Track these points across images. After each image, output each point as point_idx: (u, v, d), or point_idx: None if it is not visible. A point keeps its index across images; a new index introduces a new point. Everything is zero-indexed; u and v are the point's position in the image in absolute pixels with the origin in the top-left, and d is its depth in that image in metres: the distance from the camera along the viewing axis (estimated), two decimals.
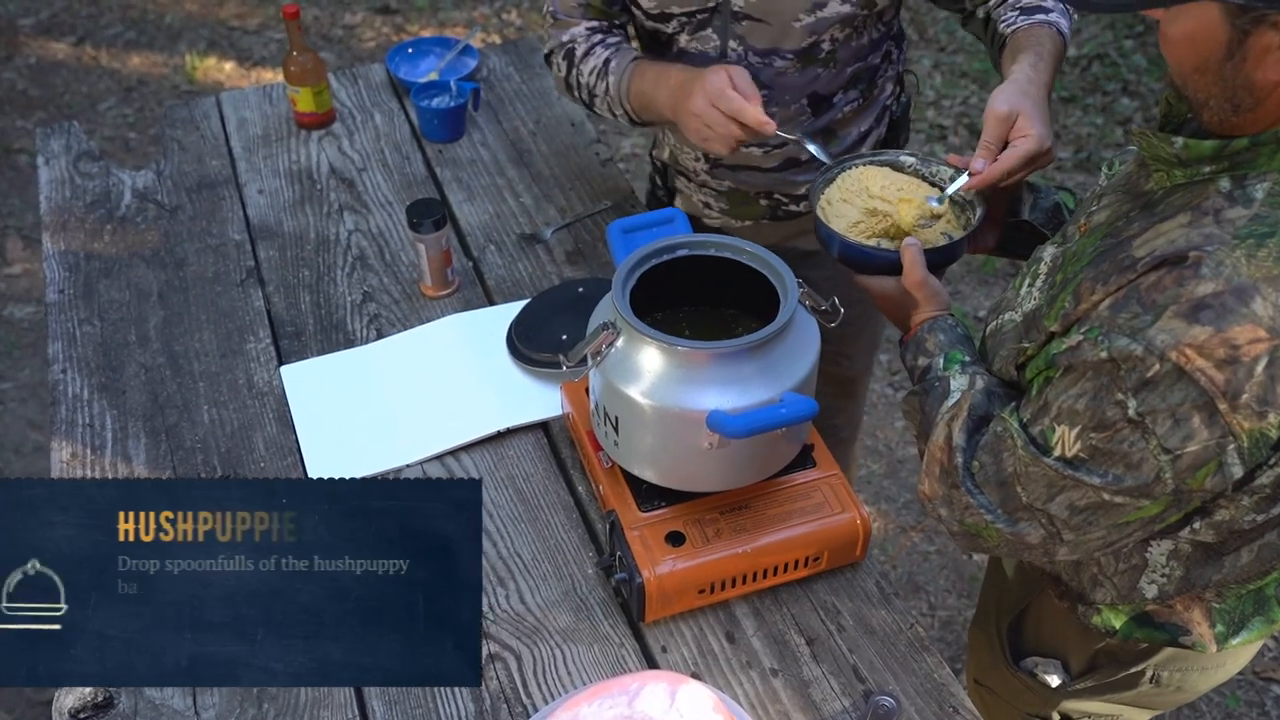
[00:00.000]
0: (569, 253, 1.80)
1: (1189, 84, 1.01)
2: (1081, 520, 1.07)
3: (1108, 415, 1.00)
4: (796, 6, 1.51)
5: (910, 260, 1.30)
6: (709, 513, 1.32)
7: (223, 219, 1.88)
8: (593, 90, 1.62)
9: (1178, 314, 0.94)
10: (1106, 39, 3.95)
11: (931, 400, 1.22)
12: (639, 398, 1.24)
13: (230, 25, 4.25)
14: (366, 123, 2.06)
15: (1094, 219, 1.15)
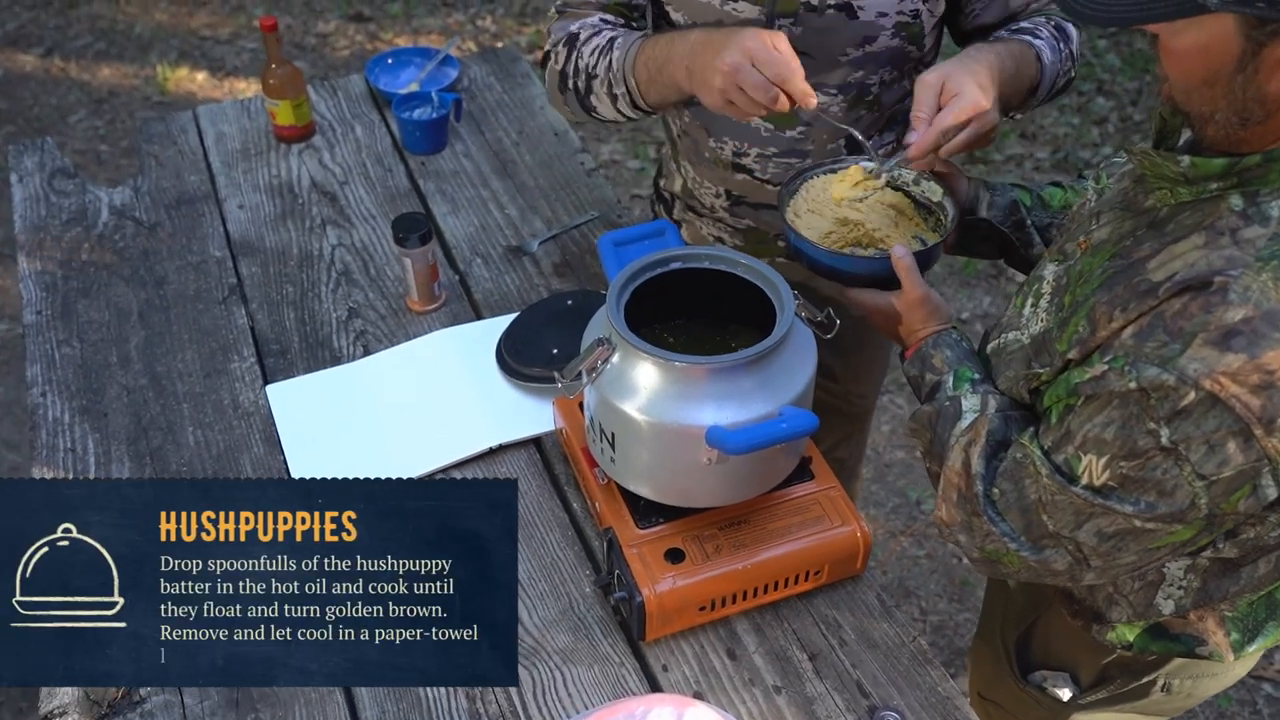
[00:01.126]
0: (556, 264, 1.78)
1: (1194, 98, 0.99)
2: (1110, 547, 1.05)
3: (1139, 444, 0.98)
4: (845, 41, 1.45)
5: (907, 273, 1.28)
6: (708, 528, 1.31)
7: (203, 235, 1.85)
8: (592, 71, 1.49)
9: (1208, 341, 0.93)
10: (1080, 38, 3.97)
11: (943, 422, 1.20)
12: (636, 414, 1.22)
13: (202, 35, 4.20)
14: (347, 135, 2.04)
15: (1094, 236, 1.13)
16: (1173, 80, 1.01)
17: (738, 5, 1.46)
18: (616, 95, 1.48)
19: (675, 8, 1.50)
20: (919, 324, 1.29)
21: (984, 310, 3.07)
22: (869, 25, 1.45)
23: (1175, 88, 1.01)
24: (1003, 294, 3.12)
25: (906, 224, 1.41)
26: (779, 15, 1.45)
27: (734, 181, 1.62)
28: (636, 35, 1.48)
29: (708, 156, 1.63)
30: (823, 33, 1.45)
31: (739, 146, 1.58)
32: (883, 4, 1.44)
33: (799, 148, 1.56)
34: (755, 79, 1.28)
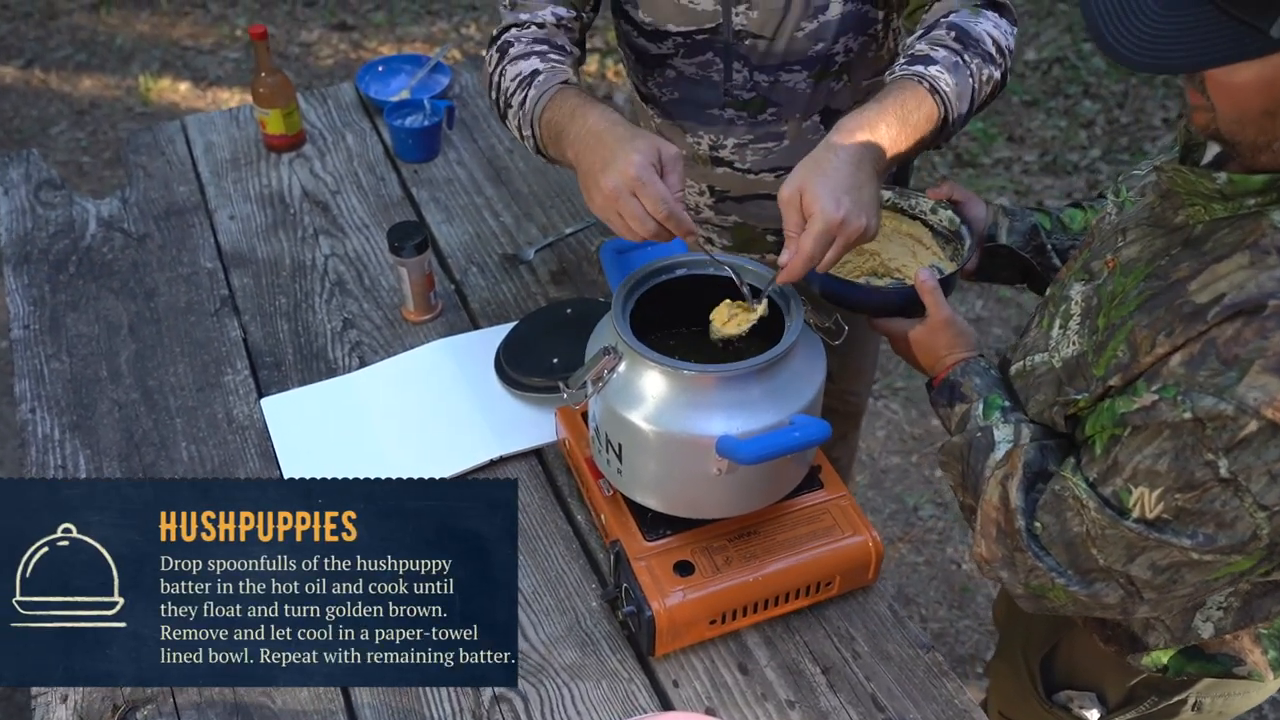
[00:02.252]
0: (554, 273, 1.75)
1: (1249, 129, 0.94)
2: (1166, 580, 1.01)
3: (1196, 476, 0.94)
4: (797, 15, 1.45)
5: (931, 295, 1.25)
6: (717, 540, 1.28)
7: (193, 246, 1.81)
8: (509, 98, 1.43)
9: (1266, 368, 0.89)
10: (1065, 42, 3.98)
11: (976, 453, 1.16)
12: (643, 424, 1.20)
13: (184, 45, 4.16)
14: (338, 144, 2.01)
15: (1122, 254, 1.09)
16: (1224, 114, 0.95)
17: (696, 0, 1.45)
18: (524, 135, 1.44)
19: (634, 4, 1.49)
20: (945, 349, 1.25)
21: (976, 314, 3.06)
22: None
23: (1227, 120, 0.95)
24: (995, 298, 3.11)
25: (924, 253, 1.39)
26: (734, 2, 1.44)
27: (715, 176, 1.61)
28: (558, 79, 1.40)
29: (685, 154, 1.61)
30: (776, 13, 1.44)
31: (715, 139, 1.57)
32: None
33: (774, 130, 1.54)
34: (635, 209, 1.20)
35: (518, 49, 1.46)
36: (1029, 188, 3.46)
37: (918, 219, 1.41)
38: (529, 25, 1.48)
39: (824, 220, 1.15)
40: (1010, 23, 1.40)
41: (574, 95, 1.37)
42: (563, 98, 1.37)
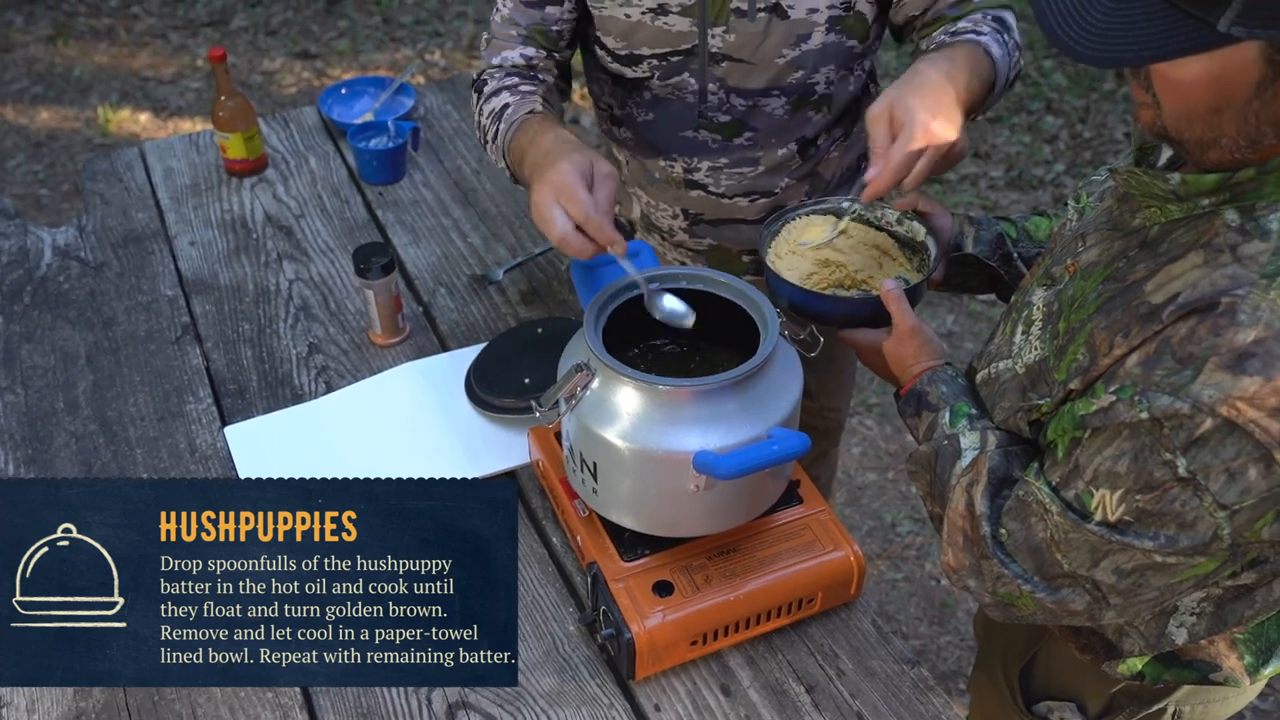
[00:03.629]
0: (524, 293, 1.73)
1: (1196, 126, 0.93)
2: (1131, 584, 1.00)
3: (1155, 476, 0.93)
4: (779, 42, 1.44)
5: (897, 304, 1.25)
6: (696, 558, 1.26)
7: (153, 274, 1.77)
8: (486, 134, 1.49)
9: (1220, 365, 0.88)
10: (1026, 59, 4.01)
11: (943, 461, 1.15)
12: (618, 441, 1.17)
13: (144, 76, 4.12)
14: (301, 167, 1.98)
15: (1082, 259, 1.08)
16: (1170, 110, 0.94)
17: (668, 20, 1.44)
18: (501, 166, 1.49)
19: (605, 30, 1.48)
20: (911, 359, 1.24)
21: (948, 328, 3.06)
22: (801, 23, 1.43)
23: (1172, 116, 0.94)
24: (966, 312, 3.11)
25: (890, 264, 1.38)
26: (710, 25, 1.43)
27: (689, 199, 1.59)
28: (524, 110, 1.43)
29: (658, 178, 1.60)
30: (757, 36, 1.44)
31: (689, 163, 1.56)
32: (813, 1, 1.42)
33: (749, 155, 1.53)
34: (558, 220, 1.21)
35: (491, 86, 1.50)
36: (995, 203, 3.47)
37: (884, 230, 1.40)
38: (499, 69, 1.51)
39: (918, 128, 1.17)
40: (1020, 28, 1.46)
41: (536, 122, 1.40)
42: (526, 125, 1.40)
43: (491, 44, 1.54)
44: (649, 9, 1.44)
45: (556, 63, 1.53)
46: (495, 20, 1.53)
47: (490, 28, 1.54)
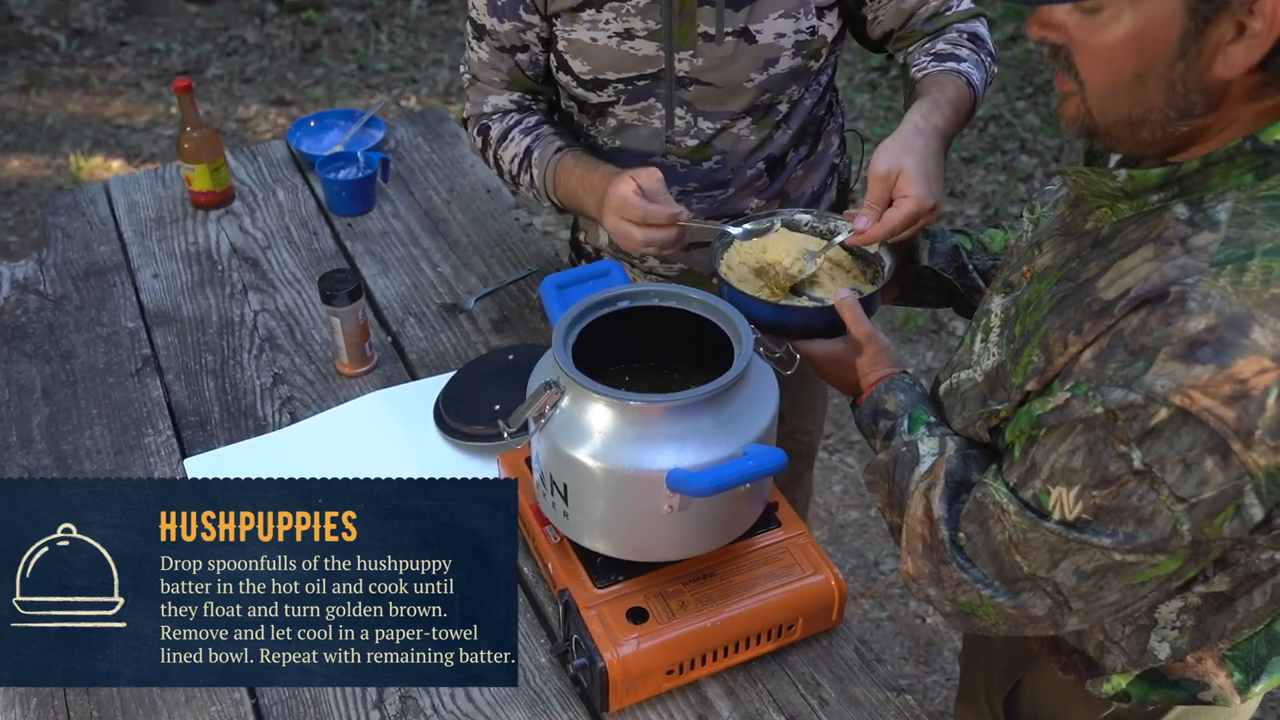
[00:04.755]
0: (495, 321, 1.69)
1: (1122, 101, 0.91)
2: (1091, 585, 0.98)
3: (1110, 470, 0.91)
4: (747, 66, 1.44)
5: (851, 312, 1.24)
6: (671, 584, 1.21)
7: (114, 306, 1.73)
8: (516, 178, 1.55)
9: (1172, 355, 0.86)
10: (1000, 101, 4.05)
11: (901, 469, 1.12)
12: (589, 461, 1.13)
13: (117, 124, 4.10)
14: (269, 200, 1.94)
15: (1037, 264, 1.08)
16: (1093, 86, 0.92)
17: (634, 44, 1.43)
18: (545, 205, 1.55)
19: (573, 55, 1.46)
20: (868, 367, 1.23)
21: (927, 365, 3.04)
22: (769, 48, 1.43)
23: (1097, 94, 0.92)
24: (945, 348, 3.09)
25: (844, 276, 1.37)
26: (677, 49, 1.42)
27: None
28: (551, 150, 1.50)
29: None
30: (724, 60, 1.43)
31: None
32: (780, 26, 1.43)
33: (717, 178, 1.52)
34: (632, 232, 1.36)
35: (497, 130, 1.55)
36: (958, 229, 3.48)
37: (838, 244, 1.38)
38: (496, 113, 1.55)
39: (918, 204, 1.26)
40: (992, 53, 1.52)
41: (572, 164, 1.47)
42: (565, 170, 1.48)
43: (476, 86, 1.55)
44: (615, 33, 1.43)
45: (545, 98, 1.57)
46: (474, 60, 1.53)
47: (470, 66, 1.55)
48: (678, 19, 1.40)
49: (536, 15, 1.46)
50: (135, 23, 4.70)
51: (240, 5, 4.78)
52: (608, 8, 1.41)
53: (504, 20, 1.47)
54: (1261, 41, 0.84)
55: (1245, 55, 0.86)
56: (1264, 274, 0.86)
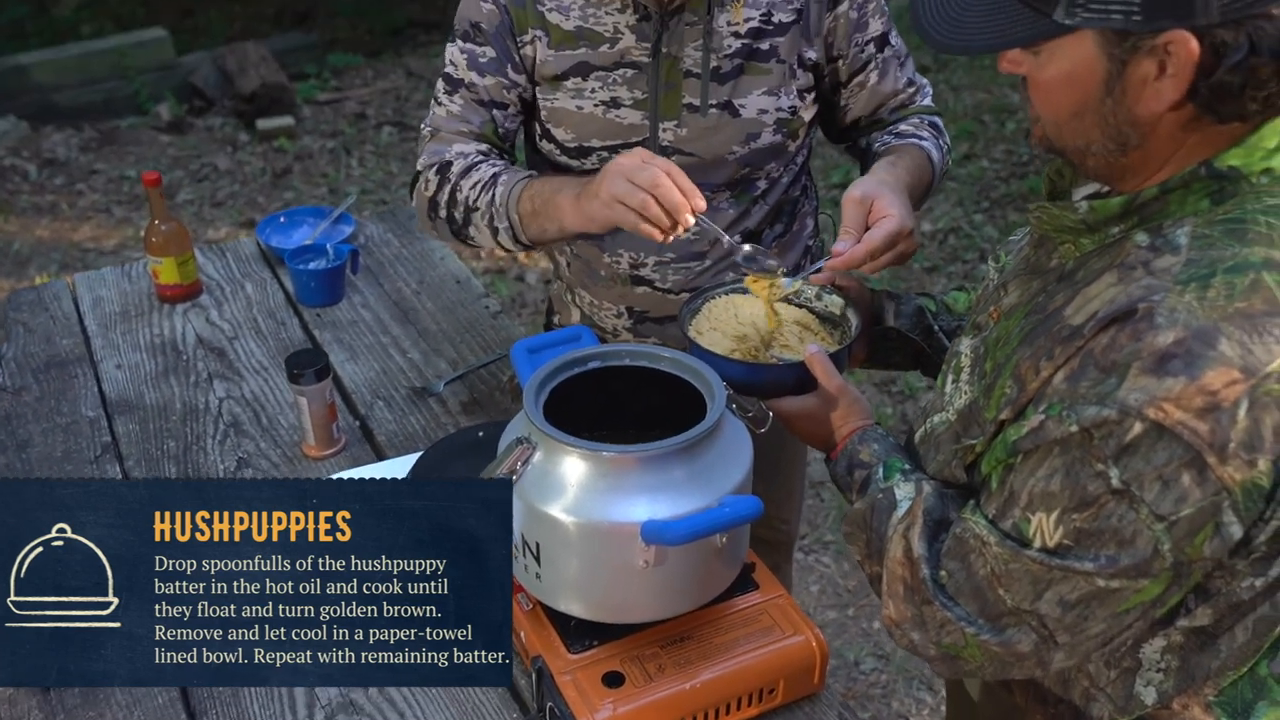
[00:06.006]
0: (465, 403, 1.67)
1: (1065, 133, 0.98)
2: (1076, 616, 0.96)
3: (1089, 490, 0.91)
4: (729, 139, 1.47)
5: (821, 366, 1.24)
6: (648, 647, 1.17)
7: (74, 397, 1.70)
8: (473, 205, 1.47)
9: (1144, 370, 0.88)
10: (958, 214, 4.15)
11: (878, 515, 1.12)
12: (563, 515, 1.10)
13: (85, 247, 4.11)
14: (237, 293, 1.94)
15: (1004, 303, 1.10)
16: (1044, 117, 0.99)
17: (620, 113, 1.46)
18: (498, 229, 1.47)
19: (556, 123, 1.49)
20: (841, 420, 1.23)
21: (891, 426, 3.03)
22: (752, 122, 1.47)
23: (1047, 125, 0.99)
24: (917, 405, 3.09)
25: (811, 338, 1.38)
26: (662, 118, 1.45)
27: (635, 296, 1.57)
28: (523, 174, 1.47)
29: (604, 275, 1.59)
30: (707, 132, 1.46)
31: (635, 257, 1.55)
32: (763, 102, 1.46)
33: (694, 249, 1.53)
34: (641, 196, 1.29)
35: (461, 164, 1.50)
36: (921, 291, 3.52)
37: (804, 306, 1.39)
38: (463, 154, 1.51)
39: (899, 224, 1.25)
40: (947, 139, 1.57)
41: (549, 175, 1.45)
42: (540, 179, 1.44)
43: (439, 137, 1.52)
44: (601, 102, 1.46)
45: (508, 157, 1.56)
46: (440, 114, 1.53)
47: (434, 120, 1.53)
48: (663, 89, 1.44)
49: (524, 75, 1.49)
50: (107, 152, 4.77)
51: (213, 134, 4.88)
52: (594, 76, 1.45)
53: (486, 75, 1.48)
54: (1181, 79, 0.89)
55: (1170, 91, 0.90)
56: (1227, 290, 0.88)
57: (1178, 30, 0.86)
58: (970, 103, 4.84)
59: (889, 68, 1.53)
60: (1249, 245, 0.90)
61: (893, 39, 1.54)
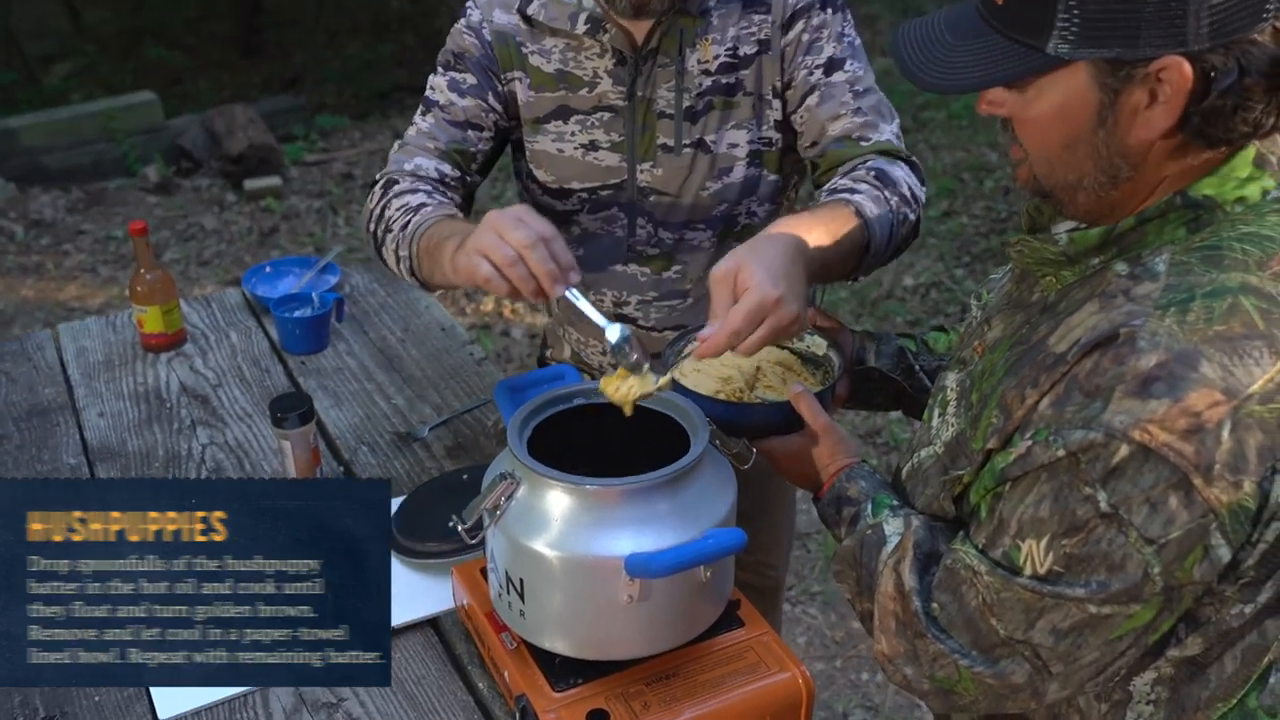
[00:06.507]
0: (449, 448, 1.67)
1: (1057, 167, 0.98)
2: (1069, 645, 0.96)
3: (1078, 515, 0.92)
4: (703, 176, 1.49)
5: (807, 404, 1.25)
6: (633, 684, 1.16)
7: (55, 445, 1.69)
8: (390, 225, 1.42)
9: (1128, 393, 0.88)
10: (939, 269, 4.20)
11: (868, 551, 1.12)
12: (546, 550, 1.10)
13: (70, 306, 4.12)
14: (221, 342, 1.94)
15: (989, 338, 1.11)
16: (1033, 155, 0.99)
17: (599, 155, 1.48)
18: (400, 257, 1.42)
19: (538, 164, 1.51)
20: (828, 458, 1.23)
21: None
22: (723, 157, 1.49)
23: (1037, 162, 0.99)
24: None
25: (794, 379, 1.39)
26: (639, 160, 1.47)
27: None
28: (446, 211, 1.41)
29: None
30: (681, 172, 1.49)
31: (619, 296, 1.56)
32: (734, 136, 1.48)
33: (678, 288, 1.54)
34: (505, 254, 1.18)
35: (404, 185, 1.46)
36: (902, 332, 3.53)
37: (786, 347, 1.41)
38: (411, 175, 1.49)
39: (760, 295, 1.12)
40: (920, 179, 1.45)
41: (462, 220, 1.39)
42: (451, 221, 1.38)
43: (405, 149, 1.52)
44: (581, 145, 1.48)
45: (466, 186, 1.53)
46: (409, 131, 1.53)
47: (405, 137, 1.54)
48: (639, 132, 1.47)
49: (503, 105, 1.50)
50: (94, 213, 4.79)
51: (200, 195, 4.91)
52: (574, 119, 1.47)
53: (467, 98, 1.49)
54: (1173, 106, 0.91)
55: (1162, 119, 0.92)
56: (1206, 314, 0.90)
57: (1171, 56, 0.88)
58: (949, 161, 4.92)
59: (834, 93, 1.46)
60: (1226, 271, 0.92)
61: (849, 67, 1.47)
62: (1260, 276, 0.92)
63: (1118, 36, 0.88)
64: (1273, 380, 0.88)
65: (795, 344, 1.41)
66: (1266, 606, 0.99)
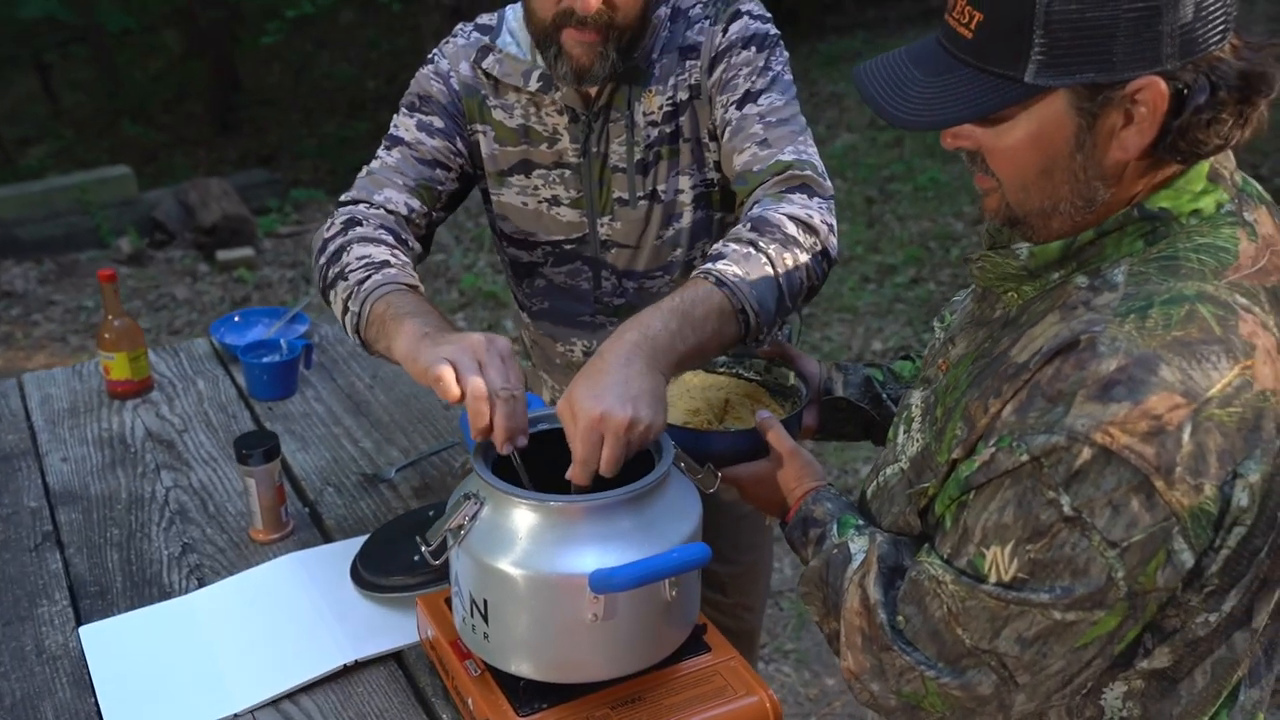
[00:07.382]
0: (416, 488, 1.66)
1: (1032, 195, 0.99)
2: (1035, 654, 0.96)
3: (1041, 520, 0.92)
4: (656, 225, 1.52)
5: (774, 432, 1.26)
6: (599, 709, 1.14)
7: (16, 489, 1.67)
8: (345, 273, 1.36)
9: (1089, 397, 0.90)
10: (908, 333, 4.25)
11: (834, 570, 1.12)
12: (511, 569, 1.09)
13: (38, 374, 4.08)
14: (188, 389, 1.94)
15: (952, 355, 1.12)
16: (1007, 183, 1.00)
17: (560, 211, 1.51)
18: (349, 310, 1.36)
19: (504, 216, 1.54)
20: (794, 482, 1.24)
21: None
22: (672, 204, 1.52)
23: (1011, 190, 1.00)
24: None
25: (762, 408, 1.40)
26: (599, 214, 1.50)
27: None
28: (407, 278, 1.36)
29: (559, 363, 1.61)
30: (638, 224, 1.52)
31: (588, 345, 1.58)
32: (679, 182, 1.51)
33: None
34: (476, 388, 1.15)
35: (366, 229, 1.42)
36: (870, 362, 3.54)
37: (753, 381, 1.42)
38: (380, 208, 1.47)
39: (584, 418, 1.11)
40: (822, 198, 1.38)
41: (423, 298, 1.33)
42: (412, 296, 1.33)
43: (373, 177, 1.48)
44: (544, 199, 1.51)
45: (430, 224, 1.51)
46: (376, 165, 1.51)
47: (371, 166, 1.51)
48: (596, 187, 1.50)
49: (468, 151, 1.52)
50: (65, 284, 4.79)
51: (172, 266, 4.92)
52: (535, 174, 1.50)
53: (435, 138, 1.49)
54: (1150, 125, 0.93)
55: (1138, 139, 0.93)
56: (1164, 320, 0.91)
57: (1147, 77, 0.89)
58: (916, 230, 5.01)
59: (743, 126, 1.42)
60: (1183, 279, 0.94)
61: (764, 100, 1.42)
62: (1216, 285, 0.94)
63: (1093, 61, 0.90)
64: (1231, 384, 0.90)
65: (764, 376, 1.42)
66: (1233, 618, 0.99)
